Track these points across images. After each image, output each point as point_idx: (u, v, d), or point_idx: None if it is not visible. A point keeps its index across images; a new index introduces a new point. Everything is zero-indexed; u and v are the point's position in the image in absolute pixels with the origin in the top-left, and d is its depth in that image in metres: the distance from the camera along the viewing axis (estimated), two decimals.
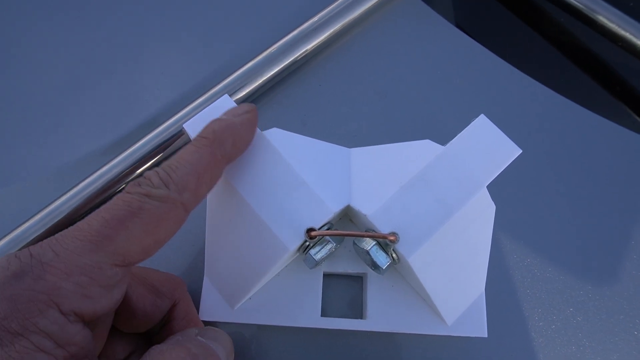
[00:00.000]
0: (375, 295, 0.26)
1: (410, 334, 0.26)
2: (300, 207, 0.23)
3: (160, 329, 0.25)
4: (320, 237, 0.23)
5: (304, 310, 0.25)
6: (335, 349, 0.27)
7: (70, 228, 0.19)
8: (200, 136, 0.22)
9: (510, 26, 0.40)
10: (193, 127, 0.25)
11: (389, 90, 0.33)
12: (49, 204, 0.29)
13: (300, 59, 0.32)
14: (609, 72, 0.38)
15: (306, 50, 0.32)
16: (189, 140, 0.30)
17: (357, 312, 0.27)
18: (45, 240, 0.18)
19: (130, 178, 0.30)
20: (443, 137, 0.26)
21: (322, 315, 0.25)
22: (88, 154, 0.32)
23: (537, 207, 0.30)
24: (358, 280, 0.28)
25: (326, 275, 0.27)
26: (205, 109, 0.25)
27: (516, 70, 0.34)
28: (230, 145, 0.22)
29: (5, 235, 0.28)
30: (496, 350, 0.27)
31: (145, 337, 0.25)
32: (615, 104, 0.37)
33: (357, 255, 0.25)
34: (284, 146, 0.25)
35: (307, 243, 0.23)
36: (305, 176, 0.24)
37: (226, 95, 0.26)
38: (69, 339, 0.17)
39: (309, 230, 0.23)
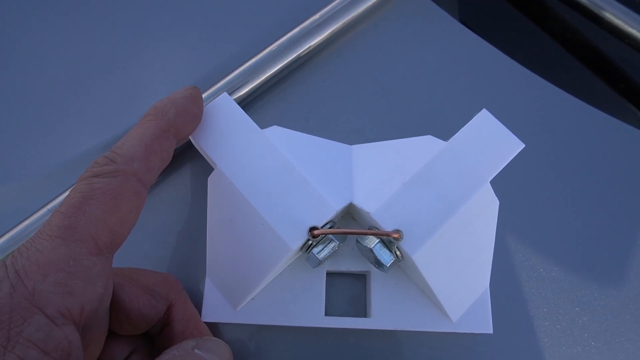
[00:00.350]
0: (379, 293, 0.26)
1: (414, 331, 0.26)
2: (302, 206, 0.23)
3: (161, 331, 0.25)
4: (323, 235, 0.23)
5: (308, 309, 0.25)
6: (338, 348, 0.27)
7: (35, 233, 0.19)
8: (144, 115, 0.23)
9: (515, 23, 0.40)
10: (198, 135, 0.25)
11: (393, 87, 0.33)
12: (49, 202, 0.29)
13: (303, 55, 0.32)
14: (615, 70, 0.38)
15: (310, 47, 0.32)
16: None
17: (361, 310, 0.27)
18: (15, 250, 0.18)
19: None
20: (447, 134, 0.26)
21: (325, 315, 0.25)
22: (89, 151, 0.32)
23: (542, 206, 0.30)
24: (361, 278, 0.28)
25: (329, 274, 0.27)
26: (204, 108, 0.26)
27: (521, 66, 0.34)
28: (173, 115, 0.23)
29: (4, 234, 0.28)
30: (501, 350, 0.27)
31: (144, 336, 0.25)
32: (621, 102, 0.37)
33: (360, 253, 0.25)
34: (284, 144, 0.25)
35: (310, 242, 0.23)
36: (307, 174, 0.24)
37: (225, 93, 0.26)
38: (56, 344, 0.17)
39: (312, 229, 0.23)
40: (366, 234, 0.23)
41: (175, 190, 0.30)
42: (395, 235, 0.22)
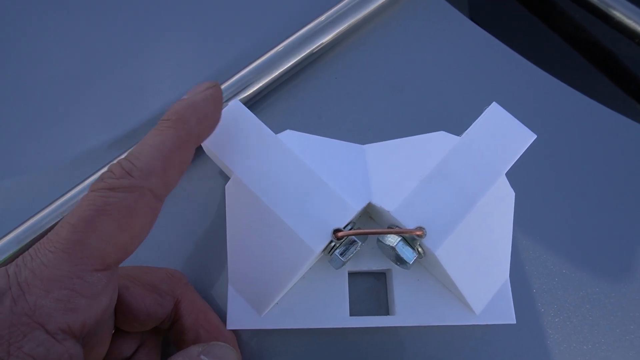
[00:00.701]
0: (402, 290, 0.26)
1: (435, 326, 0.27)
2: (322, 208, 0.24)
3: (171, 327, 0.25)
4: (347, 237, 0.23)
5: (333, 310, 0.26)
6: (360, 348, 0.27)
7: (42, 241, 0.18)
8: (162, 119, 0.22)
9: (524, 20, 0.40)
10: (211, 142, 0.25)
11: (404, 84, 0.33)
12: (55, 200, 0.29)
13: (315, 52, 0.33)
14: (625, 70, 0.38)
15: (322, 44, 0.33)
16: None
17: (383, 308, 0.28)
18: (19, 257, 0.18)
19: None
20: (459, 129, 0.27)
21: (350, 315, 0.26)
22: (95, 148, 0.32)
23: (553, 203, 0.31)
24: (380, 276, 0.28)
25: (350, 274, 0.27)
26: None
27: (530, 64, 0.34)
28: (194, 123, 0.22)
29: (11, 231, 0.28)
30: (511, 346, 0.28)
31: (152, 330, 0.25)
32: (630, 102, 0.38)
33: (381, 252, 0.25)
34: (298, 147, 0.25)
35: (333, 244, 0.24)
36: (324, 176, 0.24)
37: (236, 100, 0.26)
38: (56, 359, 0.17)
39: (336, 231, 0.23)
40: (390, 233, 0.23)
41: (187, 186, 0.30)
42: (419, 233, 0.22)
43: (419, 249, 0.24)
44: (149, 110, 0.33)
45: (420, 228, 0.23)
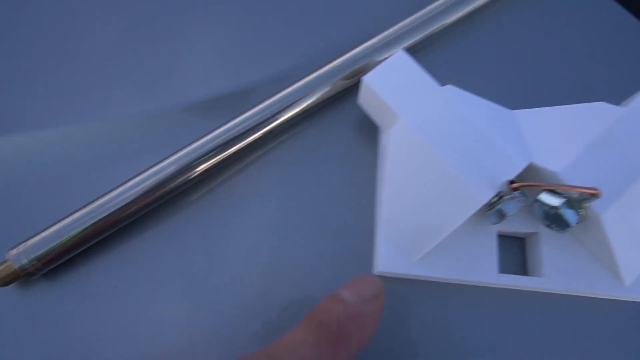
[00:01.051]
0: (552, 254, 0.26)
1: (576, 296, 0.27)
2: (488, 162, 0.24)
3: None
4: (510, 192, 0.24)
5: (482, 266, 0.26)
6: (504, 308, 0.27)
7: None
8: (321, 323, 0.18)
9: None
10: (373, 81, 0.26)
11: (544, 56, 0.33)
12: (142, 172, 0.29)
13: (462, 18, 0.33)
14: None
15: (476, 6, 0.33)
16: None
17: (522, 271, 0.28)
18: None
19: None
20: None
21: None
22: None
23: None
24: (514, 241, 0.28)
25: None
26: (382, 64, 0.26)
27: None
28: (357, 342, 0.18)
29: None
30: None
31: None
32: None
33: (534, 213, 0.25)
34: (460, 102, 0.26)
35: (495, 198, 0.24)
36: (487, 133, 0.25)
37: (402, 50, 0.27)
38: None
39: (511, 182, 0.23)
40: (567, 188, 0.23)
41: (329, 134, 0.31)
42: (594, 192, 0.22)
43: (582, 212, 0.24)
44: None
45: (594, 188, 0.23)
